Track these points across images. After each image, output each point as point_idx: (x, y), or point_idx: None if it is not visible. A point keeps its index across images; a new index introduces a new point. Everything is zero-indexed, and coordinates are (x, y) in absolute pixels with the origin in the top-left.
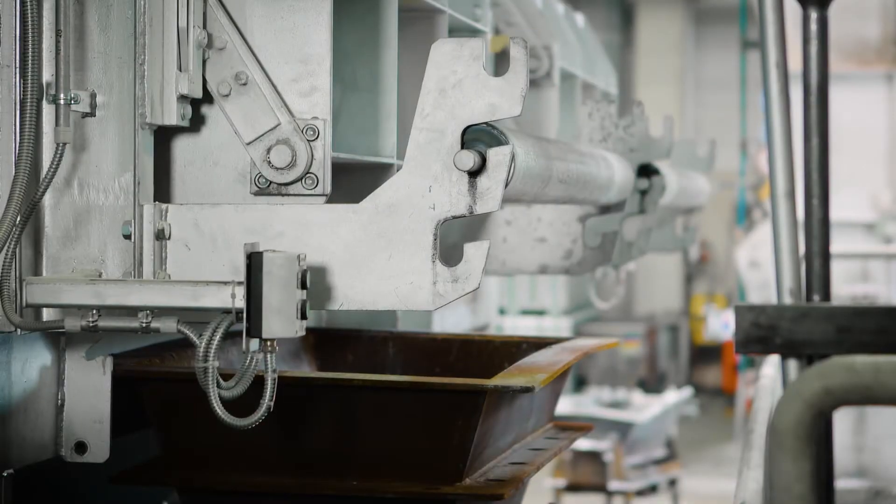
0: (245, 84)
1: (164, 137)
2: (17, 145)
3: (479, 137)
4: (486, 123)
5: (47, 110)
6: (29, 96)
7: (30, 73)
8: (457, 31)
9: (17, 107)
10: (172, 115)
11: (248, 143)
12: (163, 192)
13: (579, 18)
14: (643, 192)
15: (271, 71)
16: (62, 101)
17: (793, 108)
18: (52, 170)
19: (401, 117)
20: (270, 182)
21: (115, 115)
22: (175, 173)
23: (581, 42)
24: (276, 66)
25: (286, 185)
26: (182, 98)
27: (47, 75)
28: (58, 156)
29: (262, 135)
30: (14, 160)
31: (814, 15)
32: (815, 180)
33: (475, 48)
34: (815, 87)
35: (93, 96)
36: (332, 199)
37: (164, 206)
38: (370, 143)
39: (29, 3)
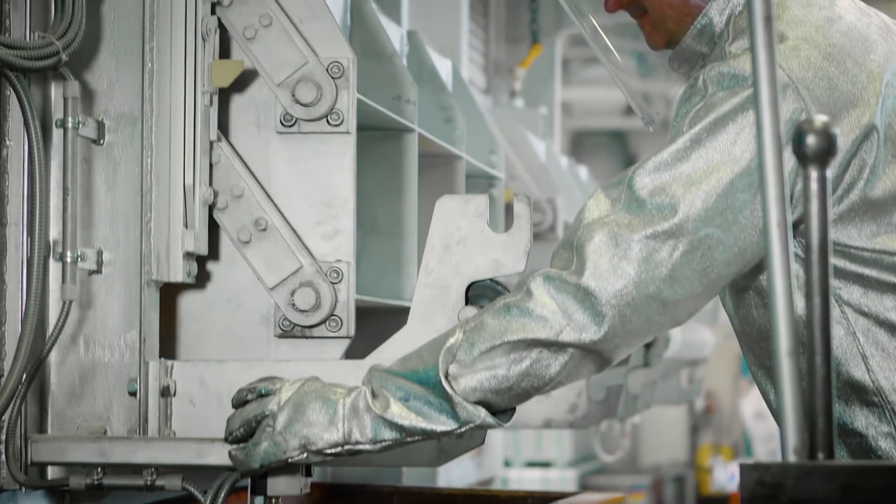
0: (265, 230)
1: (169, 292)
2: (24, 303)
3: (482, 293)
4: (489, 279)
5: (54, 268)
6: (36, 254)
7: (37, 231)
8: (473, 176)
9: (24, 265)
10: (178, 272)
11: (272, 288)
12: (169, 346)
13: (583, 171)
14: (647, 345)
15: (295, 214)
16: (69, 259)
17: None
18: (58, 327)
19: (421, 261)
20: (294, 324)
21: (121, 272)
22: (181, 328)
23: (585, 194)
24: (300, 209)
25: (310, 327)
26: (188, 255)
27: (54, 233)
28: (64, 313)
29: (286, 278)
30: (20, 318)
31: (814, 174)
32: (818, 339)
33: (479, 205)
34: (817, 245)
35: (99, 253)
36: (353, 341)
37: (169, 362)
38: (392, 286)
39: (37, 162)
